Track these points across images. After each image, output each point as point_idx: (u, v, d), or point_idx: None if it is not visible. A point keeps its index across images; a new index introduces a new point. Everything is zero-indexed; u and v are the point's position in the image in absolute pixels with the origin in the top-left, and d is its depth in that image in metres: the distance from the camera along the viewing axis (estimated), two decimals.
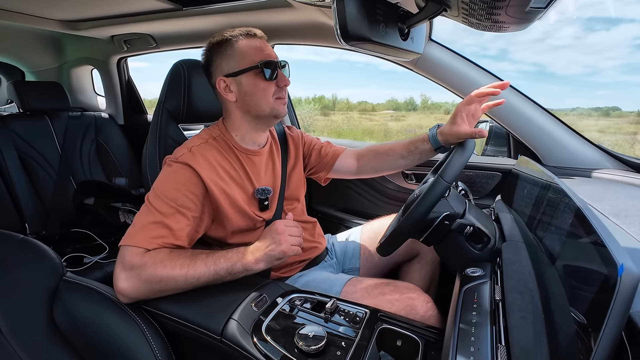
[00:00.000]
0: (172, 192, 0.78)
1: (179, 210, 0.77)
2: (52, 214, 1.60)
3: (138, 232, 0.75)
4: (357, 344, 0.62)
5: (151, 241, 0.74)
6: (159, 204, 0.77)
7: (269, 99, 0.85)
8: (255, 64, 0.83)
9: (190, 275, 0.72)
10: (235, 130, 0.91)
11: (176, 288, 0.73)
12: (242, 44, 0.85)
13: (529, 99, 1.16)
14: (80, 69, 2.08)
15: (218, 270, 0.73)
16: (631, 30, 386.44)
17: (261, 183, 0.92)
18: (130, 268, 0.71)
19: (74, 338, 0.71)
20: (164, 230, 0.75)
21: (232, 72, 0.84)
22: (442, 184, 0.70)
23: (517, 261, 0.61)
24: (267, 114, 0.87)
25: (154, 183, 0.81)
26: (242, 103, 0.87)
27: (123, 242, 0.74)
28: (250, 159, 0.92)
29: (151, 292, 0.72)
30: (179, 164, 0.81)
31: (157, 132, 0.98)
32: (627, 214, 0.68)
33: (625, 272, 0.34)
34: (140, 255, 0.72)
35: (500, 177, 1.27)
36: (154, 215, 0.76)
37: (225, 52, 0.85)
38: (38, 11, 1.41)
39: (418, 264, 1.09)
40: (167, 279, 0.71)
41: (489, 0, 0.49)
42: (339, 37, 0.59)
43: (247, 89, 0.85)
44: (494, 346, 0.47)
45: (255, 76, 0.84)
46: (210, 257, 0.74)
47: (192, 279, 0.72)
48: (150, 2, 1.24)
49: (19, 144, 1.58)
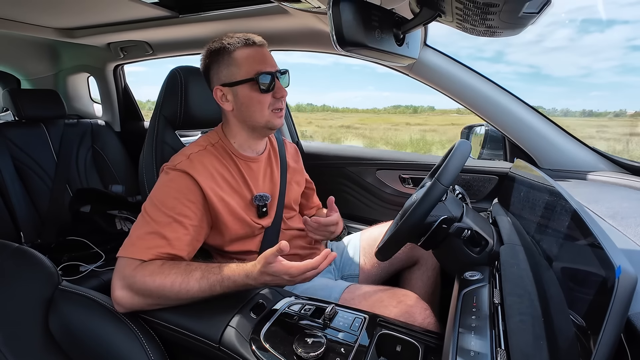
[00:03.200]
0: (170, 200, 0.77)
1: (176, 219, 0.76)
2: (48, 222, 1.59)
3: (134, 242, 0.74)
4: (356, 350, 0.62)
5: (146, 252, 0.73)
6: (156, 213, 0.76)
7: (264, 112, 0.85)
8: (251, 76, 0.82)
9: (182, 291, 0.69)
10: (233, 137, 0.91)
11: (169, 301, 0.71)
12: (239, 53, 0.83)
13: (523, 103, 1.17)
14: (76, 76, 2.08)
15: (212, 287, 0.70)
16: (625, 31, 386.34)
17: (259, 190, 0.92)
18: (124, 278, 0.71)
19: (70, 347, 0.70)
20: (160, 240, 0.74)
21: (228, 82, 0.84)
22: (439, 187, 0.70)
23: (516, 264, 0.61)
24: (262, 125, 0.87)
25: (151, 192, 0.80)
26: (238, 113, 0.87)
27: (120, 254, 0.74)
28: (249, 165, 0.92)
29: (145, 304, 0.72)
30: (176, 172, 0.80)
31: (153, 138, 0.98)
32: (624, 216, 0.69)
33: (622, 274, 0.34)
34: (134, 267, 0.71)
35: (497, 180, 1.27)
36: (150, 225, 0.75)
37: (222, 61, 0.84)
38: (34, 19, 1.41)
39: (419, 271, 1.08)
40: (157, 292, 0.70)
41: (482, 5, 0.50)
42: (335, 43, 0.59)
43: (243, 101, 0.84)
44: (494, 350, 0.47)
45: (251, 88, 0.83)
46: (204, 274, 0.71)
47: (184, 295, 0.70)
48: (147, 10, 1.25)
49: (15, 152, 1.57)
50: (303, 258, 1.00)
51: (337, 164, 1.58)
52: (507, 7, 0.49)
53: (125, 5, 1.20)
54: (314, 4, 0.89)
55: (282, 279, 0.69)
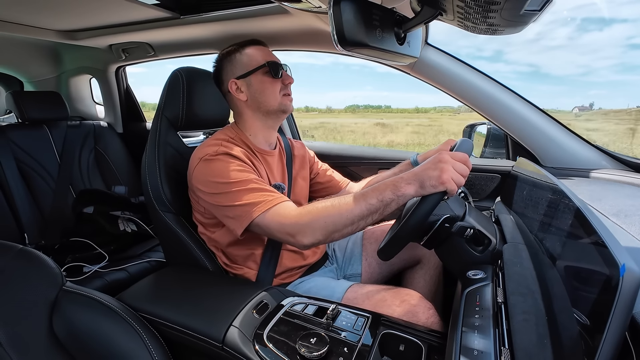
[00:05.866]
0: (234, 173, 0.81)
1: (252, 180, 0.81)
2: (51, 223, 1.59)
3: (246, 207, 0.77)
4: (359, 350, 0.62)
5: (265, 201, 0.76)
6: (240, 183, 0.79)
7: (277, 95, 0.93)
8: (262, 63, 0.92)
9: (343, 210, 0.71)
10: (248, 129, 0.97)
11: (335, 219, 0.71)
12: (249, 50, 0.95)
13: (525, 101, 1.17)
14: (78, 78, 2.08)
15: (368, 200, 0.70)
16: (624, 30, 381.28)
17: (275, 180, 0.98)
18: (288, 227, 0.74)
19: (74, 348, 0.71)
20: (268, 191, 0.80)
21: (242, 74, 0.93)
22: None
23: (519, 263, 0.60)
24: (275, 109, 0.94)
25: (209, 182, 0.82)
26: (252, 101, 0.94)
27: (257, 214, 0.76)
28: (265, 158, 0.97)
29: (325, 229, 0.72)
30: (222, 155, 0.84)
31: (156, 139, 0.98)
32: (627, 214, 0.68)
33: (627, 273, 0.33)
34: (279, 214, 0.75)
35: (500, 179, 1.27)
36: (240, 191, 0.79)
37: (234, 59, 0.95)
38: (36, 22, 1.42)
39: (421, 270, 1.08)
40: (325, 216, 0.71)
41: (483, 3, 0.50)
42: (336, 42, 0.59)
43: (257, 87, 0.93)
44: (498, 349, 0.47)
45: (263, 75, 0.93)
46: (359, 194, 0.72)
47: (347, 213, 0.70)
48: (148, 11, 1.25)
49: (18, 153, 1.58)
50: (306, 257, 1.00)
51: (338, 163, 1.58)
52: (508, 4, 0.48)
53: (126, 6, 1.21)
54: (314, 3, 0.89)
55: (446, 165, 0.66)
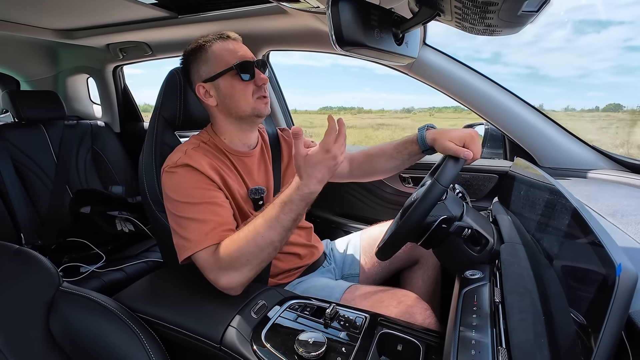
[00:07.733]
0: (192, 191, 0.78)
1: (209, 202, 0.78)
2: (48, 223, 1.59)
3: (190, 239, 0.75)
4: (357, 350, 0.62)
5: (207, 237, 0.75)
6: (188, 208, 0.77)
7: (249, 100, 0.85)
8: (230, 65, 0.83)
9: (258, 239, 0.71)
10: (223, 133, 0.91)
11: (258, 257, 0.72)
12: (215, 47, 0.85)
13: (523, 101, 1.17)
14: (75, 77, 2.08)
15: (278, 219, 0.70)
16: (621, 32, 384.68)
17: (254, 184, 0.92)
18: (214, 266, 0.73)
19: (71, 349, 0.70)
20: (209, 223, 0.76)
21: (209, 76, 0.85)
22: (439, 187, 0.70)
23: (516, 263, 0.61)
24: (248, 114, 0.86)
25: (168, 197, 0.80)
26: (223, 106, 0.87)
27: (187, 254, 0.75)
28: (242, 160, 0.92)
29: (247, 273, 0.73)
30: (180, 167, 0.80)
31: (153, 139, 0.98)
32: (624, 214, 0.69)
33: (623, 272, 0.34)
34: (212, 253, 0.74)
35: (497, 179, 1.27)
36: (192, 220, 0.76)
37: (200, 58, 0.86)
38: (33, 21, 1.41)
39: (420, 270, 1.08)
40: (243, 256, 0.71)
41: (481, 4, 0.50)
42: (334, 42, 0.59)
43: (226, 92, 0.85)
44: (495, 349, 0.47)
45: (232, 78, 0.84)
46: (263, 215, 0.72)
47: (262, 241, 0.71)
48: (146, 11, 1.25)
49: (14, 153, 1.57)
50: (302, 258, 1.00)
51: None
52: (506, 5, 0.48)
53: (124, 6, 1.20)
54: (313, 3, 0.89)
55: (326, 163, 0.68)
